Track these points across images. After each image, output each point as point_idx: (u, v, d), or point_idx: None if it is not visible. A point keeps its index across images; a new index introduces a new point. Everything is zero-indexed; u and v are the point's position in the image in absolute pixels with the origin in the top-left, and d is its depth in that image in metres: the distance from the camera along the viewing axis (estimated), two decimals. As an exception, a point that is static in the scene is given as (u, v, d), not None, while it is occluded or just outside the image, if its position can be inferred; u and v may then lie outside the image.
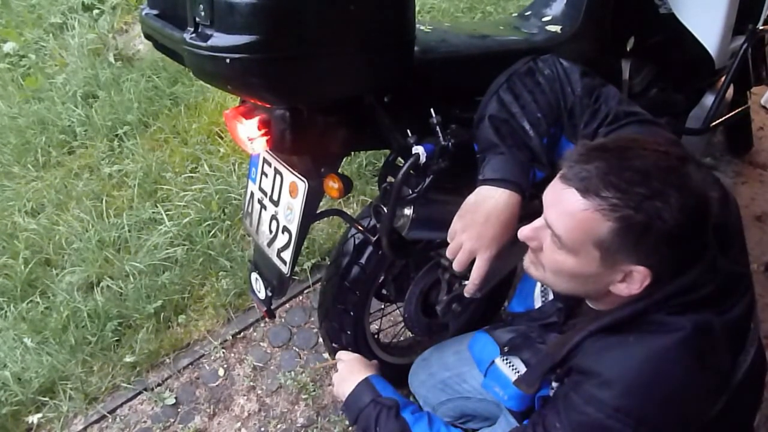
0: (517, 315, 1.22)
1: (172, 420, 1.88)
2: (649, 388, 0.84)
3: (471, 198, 1.04)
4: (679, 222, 0.79)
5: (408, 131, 1.06)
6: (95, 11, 3.70)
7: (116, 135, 2.89)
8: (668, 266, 0.84)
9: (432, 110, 1.07)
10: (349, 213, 1.46)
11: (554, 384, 0.98)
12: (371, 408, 1.16)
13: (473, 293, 1.11)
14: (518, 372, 1.10)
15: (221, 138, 2.73)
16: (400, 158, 1.15)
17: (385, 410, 1.15)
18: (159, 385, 1.97)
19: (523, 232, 0.92)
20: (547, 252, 0.89)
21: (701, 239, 0.85)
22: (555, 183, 0.85)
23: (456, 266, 1.06)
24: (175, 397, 1.92)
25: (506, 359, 1.14)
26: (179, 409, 1.90)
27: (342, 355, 1.33)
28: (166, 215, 2.38)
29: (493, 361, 1.16)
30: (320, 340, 1.99)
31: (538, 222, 0.90)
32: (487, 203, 1.02)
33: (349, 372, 1.26)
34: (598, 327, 0.90)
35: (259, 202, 1.27)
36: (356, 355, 1.32)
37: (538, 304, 1.18)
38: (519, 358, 1.12)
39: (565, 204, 0.83)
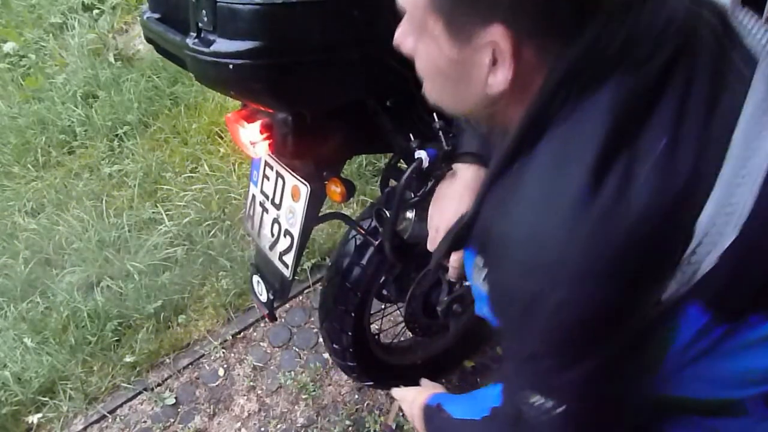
0: None
1: (172, 420, 1.88)
2: (553, 230, 0.62)
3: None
4: None
5: (410, 135, 1.06)
6: (95, 11, 3.70)
7: (116, 135, 2.89)
8: (529, 14, 0.61)
9: (434, 115, 1.07)
10: (349, 213, 1.46)
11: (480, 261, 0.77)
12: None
13: (456, 278, 1.10)
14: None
15: (221, 138, 2.74)
16: (402, 161, 1.15)
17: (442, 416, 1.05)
18: (159, 385, 1.97)
19: (396, 40, 0.76)
20: (413, 53, 0.74)
21: None
22: None
23: (429, 246, 1.05)
24: (175, 397, 1.93)
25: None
26: (179, 409, 1.91)
27: (397, 393, 1.24)
28: (166, 215, 2.38)
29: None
30: (320, 340, 2.00)
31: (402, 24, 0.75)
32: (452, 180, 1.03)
33: (410, 408, 1.16)
34: (496, 168, 0.70)
35: (261, 205, 1.28)
36: (409, 389, 1.21)
37: None
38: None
39: None
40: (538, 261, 0.63)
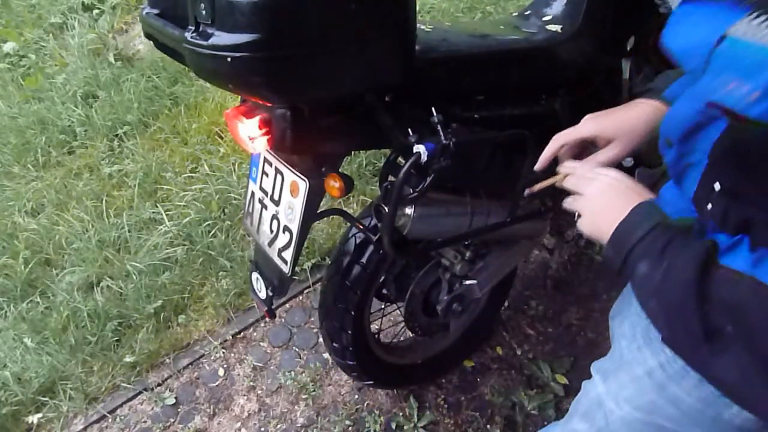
0: None
1: (172, 420, 1.87)
2: None
3: None
4: None
5: (409, 130, 1.05)
6: (95, 11, 3.71)
7: (116, 135, 2.90)
8: None
9: (433, 109, 1.06)
10: (349, 212, 1.45)
11: None
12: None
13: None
14: None
15: (221, 138, 2.73)
16: (400, 158, 1.14)
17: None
18: (159, 385, 1.97)
19: None
20: None
21: None
22: None
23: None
24: (175, 397, 1.92)
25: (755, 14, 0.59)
26: (179, 409, 1.90)
27: (571, 167, 0.92)
28: (166, 215, 2.38)
29: (724, 36, 0.62)
30: (320, 340, 1.99)
31: None
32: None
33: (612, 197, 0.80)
34: None
35: (260, 201, 1.27)
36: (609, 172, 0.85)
37: None
38: None
39: None
40: None
